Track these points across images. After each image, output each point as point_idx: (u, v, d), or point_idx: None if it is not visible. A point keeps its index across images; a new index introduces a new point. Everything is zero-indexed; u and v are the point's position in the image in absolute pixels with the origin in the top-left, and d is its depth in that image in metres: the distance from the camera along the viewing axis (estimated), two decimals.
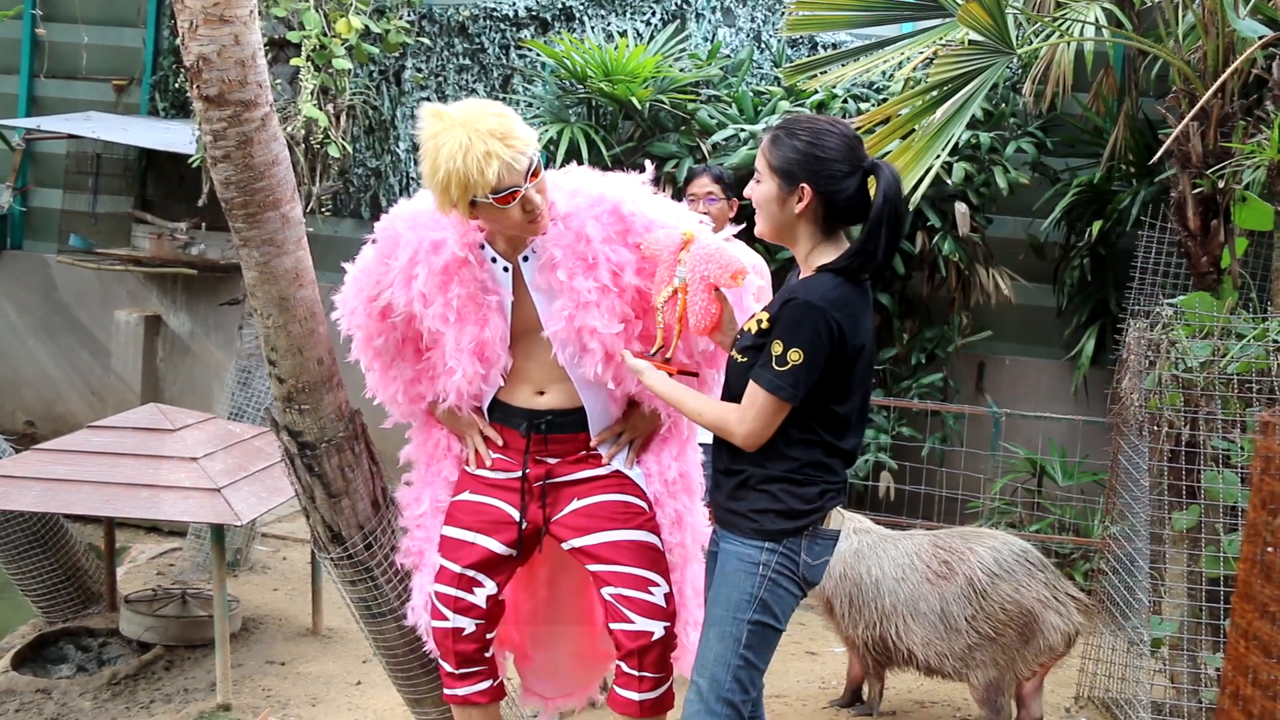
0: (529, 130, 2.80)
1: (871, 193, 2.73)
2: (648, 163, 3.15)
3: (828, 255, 2.74)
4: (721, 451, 2.84)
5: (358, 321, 3.03)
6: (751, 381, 2.68)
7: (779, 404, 2.66)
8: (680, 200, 3.29)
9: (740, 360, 2.76)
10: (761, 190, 2.75)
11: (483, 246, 2.95)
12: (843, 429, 2.75)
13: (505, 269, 2.95)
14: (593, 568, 3.01)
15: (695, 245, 2.83)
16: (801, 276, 2.77)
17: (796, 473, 2.72)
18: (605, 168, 3.53)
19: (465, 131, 2.70)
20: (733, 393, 2.77)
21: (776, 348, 2.64)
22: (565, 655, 3.40)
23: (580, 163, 4.49)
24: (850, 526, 4.52)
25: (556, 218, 2.91)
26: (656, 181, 3.28)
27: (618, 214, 2.92)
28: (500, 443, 3.05)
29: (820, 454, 2.74)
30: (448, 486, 3.12)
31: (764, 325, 2.72)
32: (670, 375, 2.87)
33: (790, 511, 2.73)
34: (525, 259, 2.94)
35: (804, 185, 2.69)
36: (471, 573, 3.02)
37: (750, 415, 2.68)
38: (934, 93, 5.14)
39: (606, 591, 2.98)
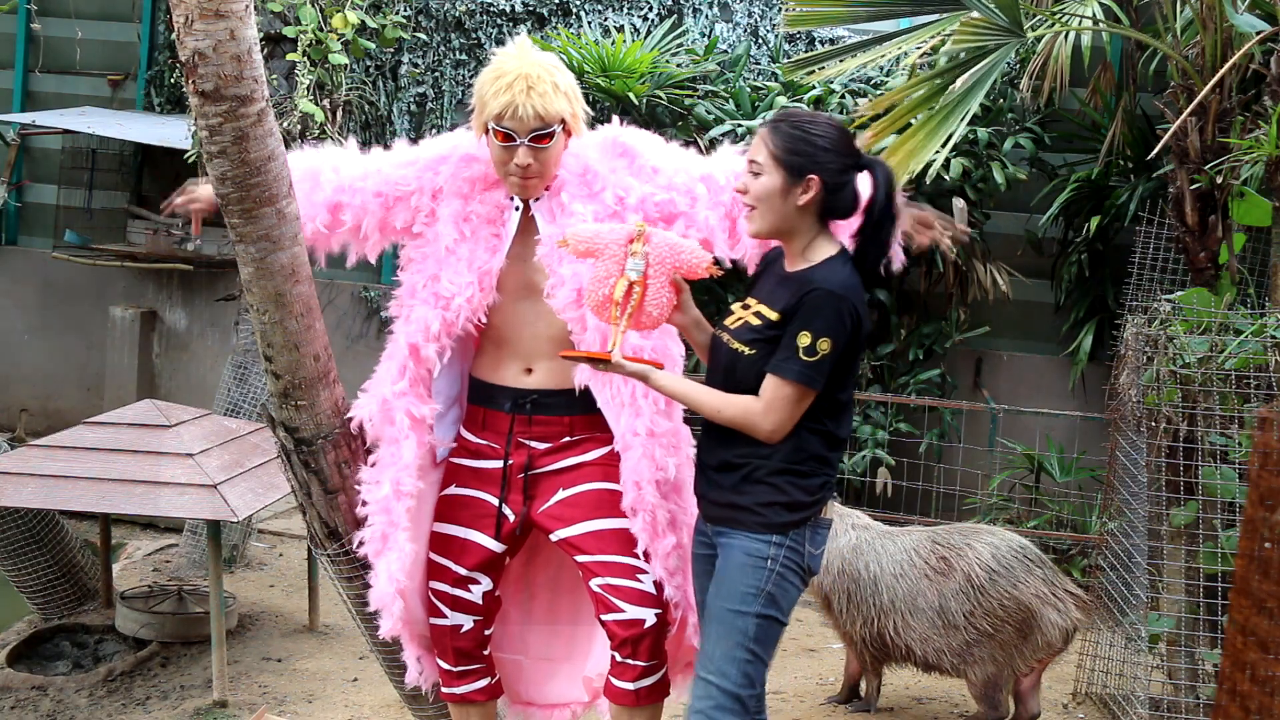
0: (565, 107, 2.88)
1: (861, 189, 2.75)
2: None
3: (825, 248, 2.75)
4: (715, 446, 2.80)
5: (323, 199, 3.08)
6: (772, 375, 2.67)
7: (806, 394, 2.66)
8: None
9: (748, 354, 2.73)
10: (763, 183, 2.70)
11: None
12: (841, 415, 2.78)
13: (517, 208, 3.00)
14: (580, 559, 2.99)
15: (656, 236, 2.80)
16: (805, 267, 2.74)
17: (801, 464, 2.73)
18: None
19: (513, 61, 2.87)
20: (737, 386, 2.74)
21: (804, 338, 2.63)
22: (537, 653, 3.31)
23: None
24: (848, 522, 4.51)
25: (565, 155, 2.99)
26: None
27: (620, 144, 3.02)
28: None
29: (822, 445, 2.75)
30: (408, 470, 2.99)
31: (773, 318, 2.71)
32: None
33: (795, 503, 2.73)
34: (538, 199, 2.98)
35: (811, 176, 2.67)
36: (467, 571, 3.03)
37: (777, 408, 2.67)
38: (939, 80, 5.06)
39: (595, 583, 2.96)
